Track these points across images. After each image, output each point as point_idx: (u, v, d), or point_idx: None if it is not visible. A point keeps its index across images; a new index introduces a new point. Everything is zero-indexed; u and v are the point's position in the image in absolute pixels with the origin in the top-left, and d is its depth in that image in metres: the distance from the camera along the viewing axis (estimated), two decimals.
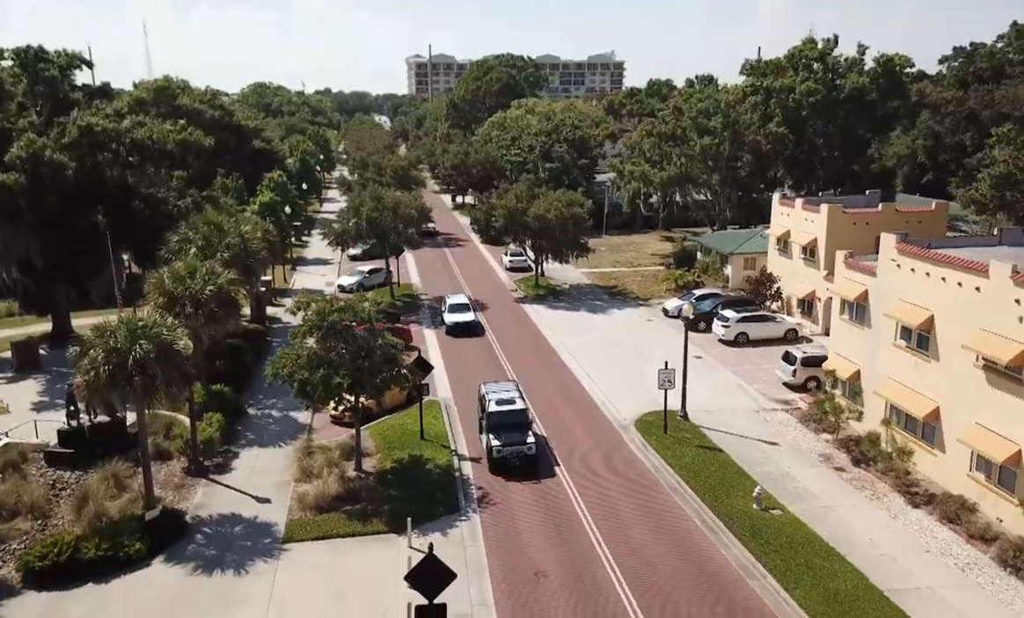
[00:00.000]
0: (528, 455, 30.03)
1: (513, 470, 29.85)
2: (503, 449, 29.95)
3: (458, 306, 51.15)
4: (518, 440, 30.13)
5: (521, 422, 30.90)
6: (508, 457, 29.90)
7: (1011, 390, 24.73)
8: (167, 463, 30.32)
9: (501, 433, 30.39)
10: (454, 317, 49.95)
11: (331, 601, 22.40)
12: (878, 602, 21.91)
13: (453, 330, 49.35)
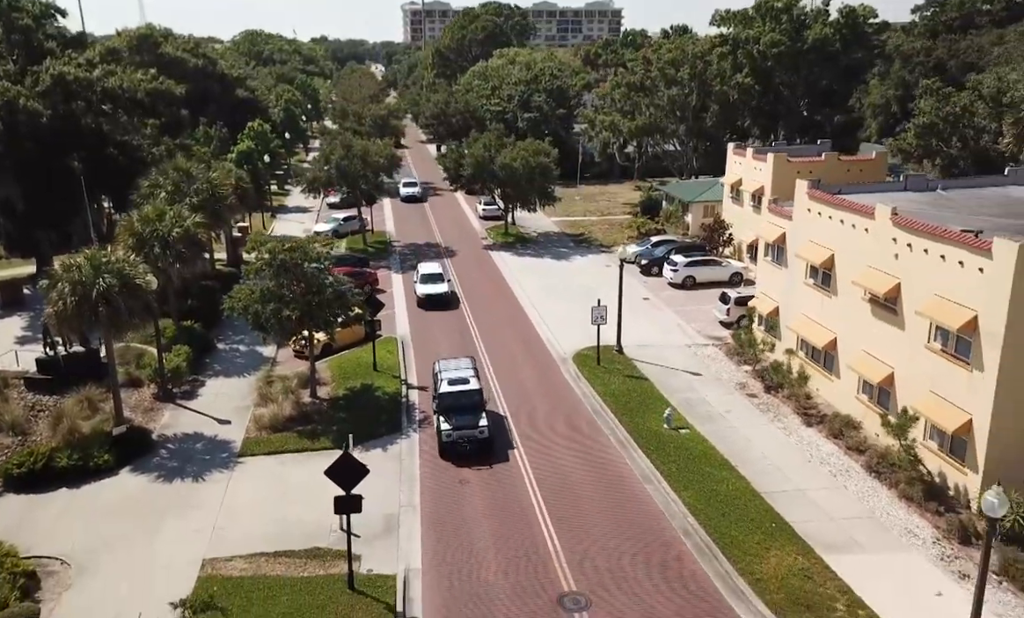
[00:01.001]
0: (480, 439, 28.00)
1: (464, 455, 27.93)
2: (453, 433, 27.97)
3: (431, 276, 47.39)
4: (470, 423, 28.09)
5: (474, 404, 28.82)
6: (458, 441, 27.96)
7: (888, 320, 27.45)
8: (138, 390, 33.26)
9: (452, 415, 28.33)
10: (426, 288, 46.41)
11: (276, 502, 25.50)
12: (752, 500, 25.02)
13: (424, 303, 45.74)
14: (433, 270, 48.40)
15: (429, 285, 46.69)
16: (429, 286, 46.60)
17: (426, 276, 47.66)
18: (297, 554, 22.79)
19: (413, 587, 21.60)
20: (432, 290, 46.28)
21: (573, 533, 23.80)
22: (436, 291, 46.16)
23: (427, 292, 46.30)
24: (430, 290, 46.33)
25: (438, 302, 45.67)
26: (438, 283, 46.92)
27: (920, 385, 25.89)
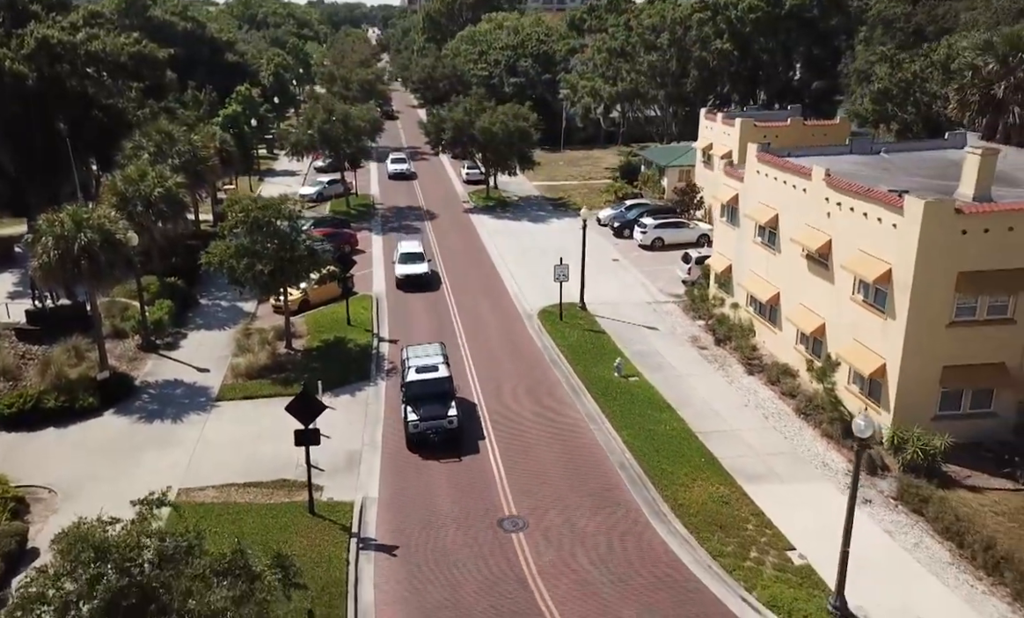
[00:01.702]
0: (449, 429, 26.70)
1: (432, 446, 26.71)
2: (420, 424, 26.61)
3: (411, 256, 44.49)
4: (438, 413, 26.77)
5: (443, 392, 27.49)
6: (426, 432, 26.63)
7: (821, 274, 29.32)
8: (122, 341, 35.26)
9: (420, 405, 27.00)
10: (405, 269, 43.55)
11: (248, 440, 27.62)
12: (687, 438, 27.16)
13: (404, 284, 43.25)
14: (413, 249, 45.65)
15: (409, 265, 43.88)
16: (408, 266, 43.83)
17: (406, 255, 44.63)
18: (265, 485, 24.96)
19: (369, 513, 23.78)
20: (411, 270, 43.53)
21: (519, 466, 25.96)
22: (416, 271, 43.48)
23: (406, 273, 43.57)
24: (409, 270, 43.60)
25: (418, 283, 43.27)
26: (418, 263, 44.05)
27: (845, 334, 27.86)
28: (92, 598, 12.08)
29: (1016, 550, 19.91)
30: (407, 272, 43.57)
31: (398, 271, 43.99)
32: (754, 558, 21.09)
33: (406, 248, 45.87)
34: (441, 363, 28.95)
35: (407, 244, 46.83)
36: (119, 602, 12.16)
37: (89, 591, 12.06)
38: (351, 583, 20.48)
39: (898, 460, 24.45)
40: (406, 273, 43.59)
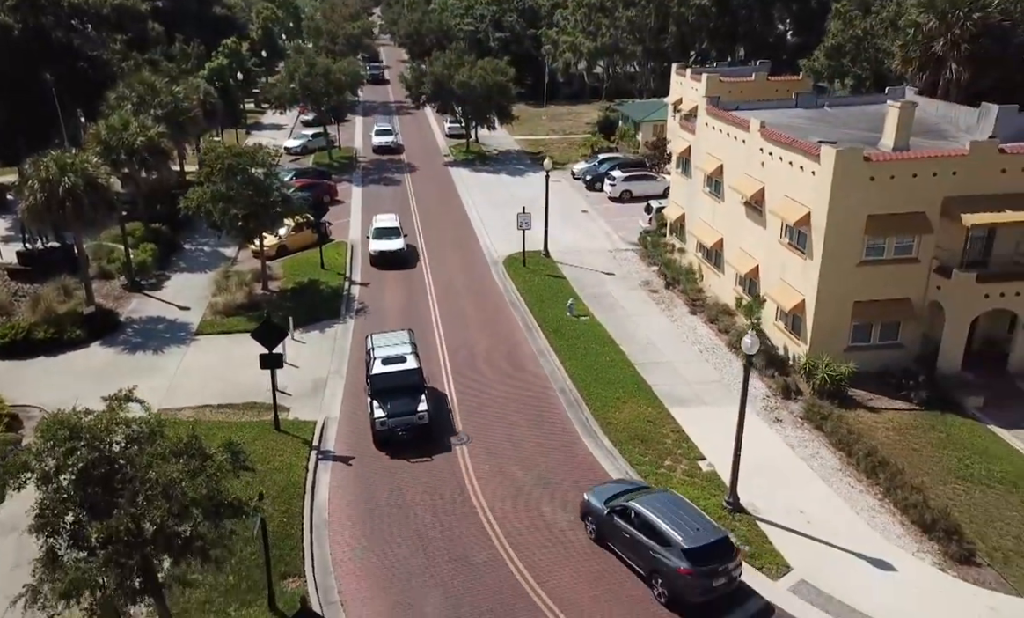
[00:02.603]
0: (420, 426, 24.72)
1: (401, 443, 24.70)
2: (388, 420, 24.51)
3: (386, 231, 41.52)
4: (407, 409, 24.70)
5: (412, 385, 25.43)
6: (394, 429, 24.61)
7: (756, 220, 31.52)
8: (109, 281, 37.55)
9: (387, 400, 24.85)
10: (379, 245, 40.64)
11: (223, 369, 30.06)
12: (625, 369, 29.66)
13: (378, 261, 40.39)
14: (388, 223, 42.37)
15: (383, 241, 40.91)
16: (383, 242, 40.84)
17: (381, 231, 41.55)
18: (236, 406, 27.48)
19: (330, 430, 26.36)
20: (386, 247, 40.66)
21: (469, 389, 28.54)
22: (391, 248, 40.62)
23: (380, 249, 40.56)
24: (384, 247, 40.63)
25: (393, 261, 40.30)
26: (393, 239, 41.15)
27: (775, 274, 30.16)
28: (67, 468, 14.57)
29: (892, 456, 22.55)
30: (381, 249, 40.73)
31: (372, 247, 41.01)
32: (667, 466, 23.74)
33: (381, 222, 42.58)
34: (409, 353, 26.72)
35: (382, 218, 43.46)
36: (90, 472, 14.64)
37: (64, 463, 14.53)
38: (309, 485, 23.14)
39: (810, 385, 26.99)
40: (380, 249, 40.69)
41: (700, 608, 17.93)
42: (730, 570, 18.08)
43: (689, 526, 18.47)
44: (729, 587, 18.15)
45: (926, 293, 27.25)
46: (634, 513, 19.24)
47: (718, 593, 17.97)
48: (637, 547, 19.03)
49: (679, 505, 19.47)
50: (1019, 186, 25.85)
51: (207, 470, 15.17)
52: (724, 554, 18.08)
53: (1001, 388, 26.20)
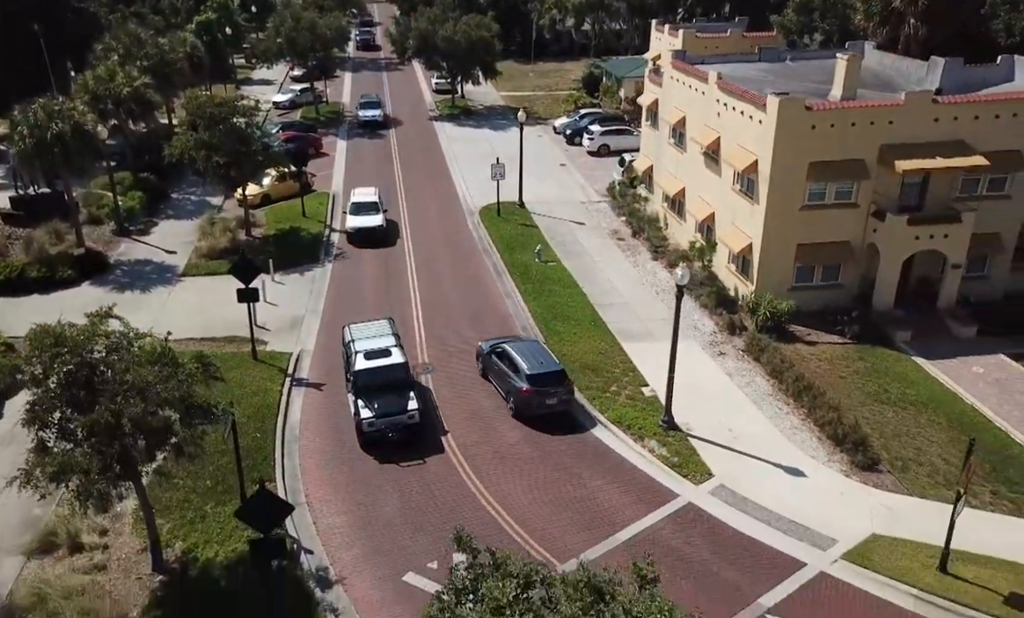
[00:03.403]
0: (410, 425, 22.78)
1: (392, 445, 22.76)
2: (376, 420, 22.53)
3: (364, 206, 38.91)
4: (396, 408, 22.68)
5: (400, 381, 23.37)
6: (383, 430, 22.63)
7: (713, 168, 33.09)
8: (98, 226, 39.21)
9: (373, 399, 22.79)
10: (357, 221, 38.03)
11: (207, 307, 31.84)
12: (584, 308, 31.52)
13: (356, 238, 37.86)
14: (367, 197, 39.62)
15: (361, 217, 38.31)
16: (361, 218, 38.23)
17: (358, 205, 38.98)
18: (218, 339, 29.36)
19: (304, 361, 28.30)
20: (364, 223, 38.00)
21: (436, 320, 30.53)
22: (369, 224, 37.96)
23: (357, 226, 37.94)
24: (361, 223, 38.02)
25: (371, 238, 37.85)
26: (371, 215, 38.41)
27: (728, 219, 31.84)
28: (53, 372, 16.46)
29: (818, 382, 24.55)
30: (358, 225, 37.89)
31: (348, 224, 38.42)
32: (613, 391, 25.72)
33: (359, 196, 39.84)
34: (394, 346, 24.44)
35: (361, 192, 40.68)
36: (74, 376, 16.52)
37: (50, 367, 16.41)
38: (282, 407, 25.15)
39: (753, 322, 28.87)
40: (357, 226, 37.88)
41: (537, 419, 23.80)
42: (560, 394, 23.80)
43: (536, 360, 24.23)
44: (559, 407, 23.88)
45: (864, 236, 28.96)
46: (502, 351, 25.12)
47: (550, 410, 23.75)
48: (501, 375, 24.87)
49: (537, 349, 25.56)
50: (950, 134, 27.41)
51: (178, 376, 17.07)
52: (557, 382, 23.87)
53: (928, 323, 28.07)
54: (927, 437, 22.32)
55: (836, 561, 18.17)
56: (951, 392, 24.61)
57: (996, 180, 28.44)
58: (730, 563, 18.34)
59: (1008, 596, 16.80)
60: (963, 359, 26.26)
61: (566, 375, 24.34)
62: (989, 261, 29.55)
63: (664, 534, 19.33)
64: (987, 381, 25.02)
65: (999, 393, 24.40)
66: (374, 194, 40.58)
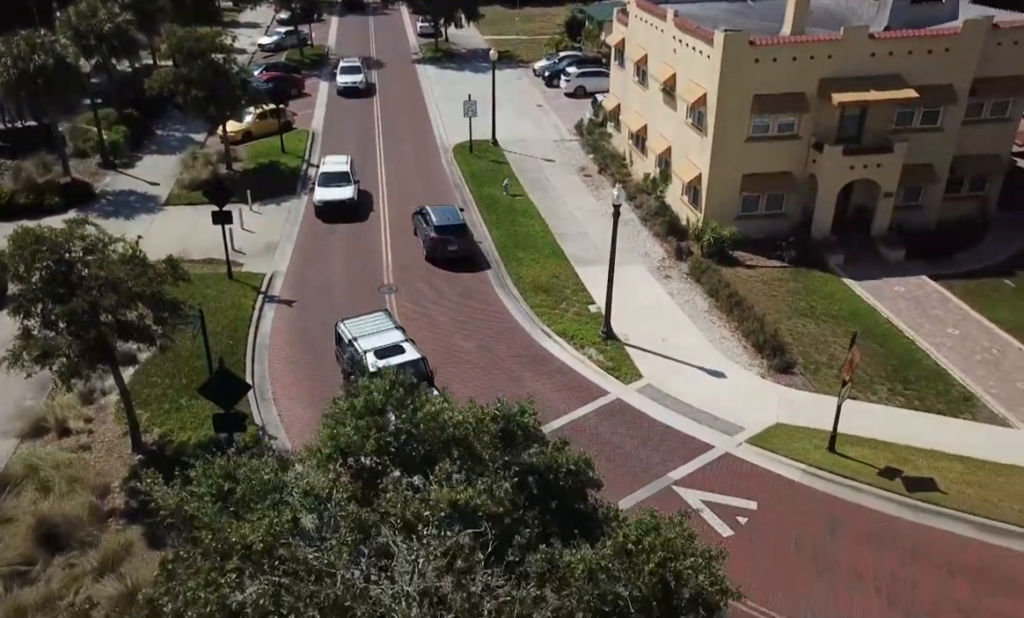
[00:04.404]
0: None
1: None
2: None
3: (333, 176, 35.60)
4: None
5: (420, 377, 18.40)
6: None
7: (670, 104, 34.55)
8: (84, 160, 40.72)
9: None
10: (325, 193, 34.71)
11: (187, 232, 33.64)
12: (544, 237, 33.35)
13: (323, 211, 34.58)
14: (337, 167, 36.30)
15: (330, 188, 34.94)
16: (330, 190, 34.87)
17: (327, 176, 35.69)
18: (196, 261, 31.08)
19: (277, 280, 30.23)
20: (333, 196, 34.63)
21: (402, 252, 32.28)
22: (338, 197, 34.59)
23: (325, 198, 34.56)
24: (330, 196, 34.65)
25: (341, 211, 34.52)
26: (342, 186, 35.18)
27: (682, 153, 33.45)
28: (34, 269, 18.34)
29: (750, 299, 26.54)
30: (327, 198, 34.54)
31: (316, 196, 34.95)
32: (561, 308, 27.74)
33: (329, 166, 36.63)
34: (404, 341, 22.29)
35: (332, 160, 37.53)
36: (53, 272, 18.40)
37: (31, 263, 18.29)
38: (254, 319, 27.18)
39: (699, 247, 30.73)
40: (325, 199, 34.50)
41: (442, 262, 30.56)
42: (459, 243, 30.61)
43: (444, 217, 31.14)
44: (459, 253, 30.52)
45: (805, 167, 30.63)
46: (424, 210, 32.08)
47: (451, 254, 30.56)
48: (421, 227, 31.89)
49: (449, 210, 32.09)
50: (886, 69, 28.88)
51: (148, 274, 18.98)
52: (459, 232, 30.73)
53: (861, 249, 29.95)
54: (842, 345, 24.35)
55: (740, 444, 20.38)
56: (871, 308, 26.63)
57: (929, 113, 30.00)
58: (646, 446, 20.55)
59: (883, 469, 19.02)
60: (888, 280, 28.24)
61: (467, 229, 31.49)
62: (923, 192, 31.29)
63: (590, 423, 21.52)
64: (905, 298, 27.03)
65: (914, 308, 26.42)
66: (345, 163, 36.92)
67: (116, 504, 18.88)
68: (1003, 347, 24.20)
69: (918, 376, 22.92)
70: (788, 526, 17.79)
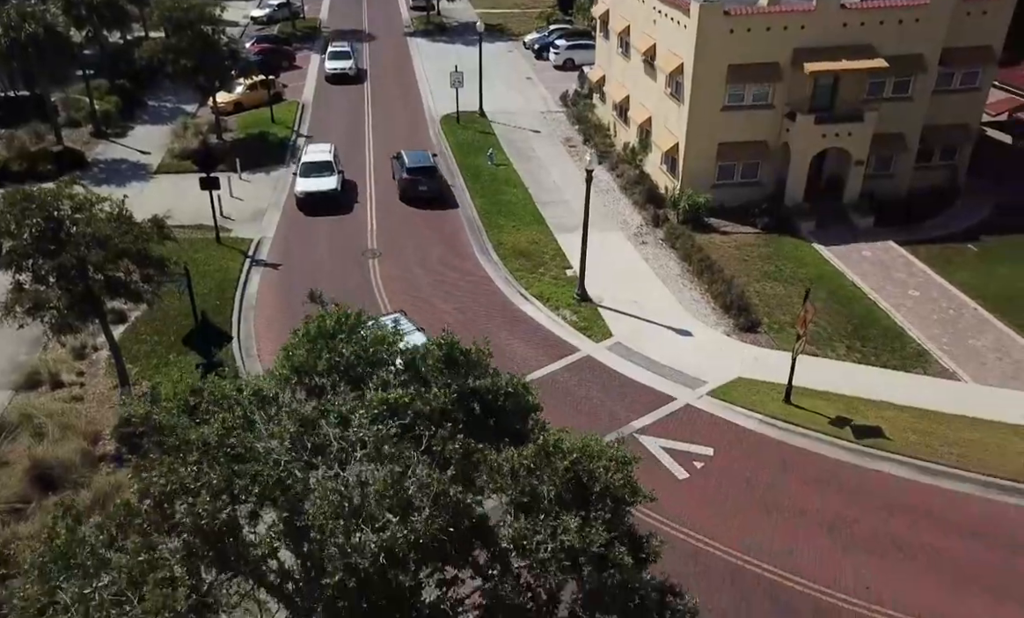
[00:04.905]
0: None
1: None
2: None
3: (316, 165, 33.96)
4: None
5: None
6: None
7: (650, 74, 35.18)
8: (77, 129, 41.39)
9: None
10: (307, 184, 32.95)
11: (177, 199, 34.11)
12: (527, 205, 34.16)
13: (306, 204, 32.89)
14: (319, 156, 34.67)
15: (312, 179, 33.17)
16: (312, 181, 33.09)
17: (309, 165, 33.98)
18: (186, 227, 31.82)
19: (264, 245, 31.08)
20: (315, 186, 32.81)
21: (387, 220, 33.11)
22: (321, 188, 32.80)
23: (307, 189, 32.65)
24: (312, 187, 32.79)
25: (323, 203, 32.84)
26: (325, 176, 33.53)
27: (661, 122, 34.15)
28: (24, 226, 19.18)
29: (721, 263, 27.44)
30: (309, 188, 32.66)
31: (298, 187, 33.20)
32: (539, 272, 28.64)
33: (312, 154, 34.90)
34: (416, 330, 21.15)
35: (315, 149, 35.80)
36: (43, 230, 19.25)
37: (21, 220, 19.12)
38: (241, 281, 28.09)
39: (676, 214, 31.56)
40: (307, 190, 32.59)
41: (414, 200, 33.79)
42: (430, 182, 34.08)
43: (415, 160, 34.76)
44: (428, 194, 33.88)
45: (779, 136, 31.37)
46: (399, 154, 35.78)
47: (421, 194, 33.83)
48: (396, 169, 35.49)
49: (421, 154, 35.80)
50: (858, 39, 29.52)
51: (133, 231, 19.84)
52: (429, 173, 34.36)
53: (833, 215, 30.77)
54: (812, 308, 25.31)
55: (702, 397, 21.39)
56: (838, 271, 27.53)
57: (900, 83, 30.68)
58: (612, 398, 21.55)
59: (834, 419, 20.04)
60: (856, 245, 29.13)
61: (436, 171, 35.12)
62: (894, 161, 32.05)
63: (560, 377, 22.51)
64: (871, 262, 27.93)
65: (879, 271, 27.33)
66: (328, 152, 35.08)
67: (107, 450, 19.89)
68: (959, 308, 25.16)
69: (876, 334, 23.88)
70: (741, 470, 18.82)
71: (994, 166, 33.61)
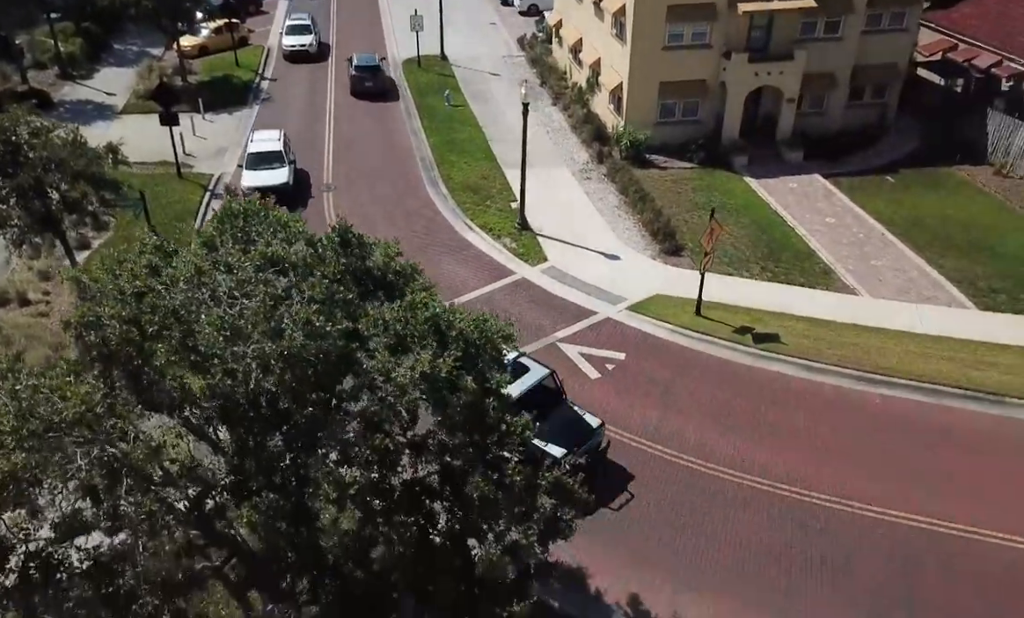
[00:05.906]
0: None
1: None
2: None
3: (262, 156, 30.56)
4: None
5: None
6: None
7: (599, 17, 36.25)
8: (43, 71, 42.09)
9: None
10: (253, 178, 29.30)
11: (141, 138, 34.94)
12: (479, 143, 35.58)
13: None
14: (267, 145, 31.09)
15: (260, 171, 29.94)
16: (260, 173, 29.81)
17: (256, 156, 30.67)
18: (148, 163, 33.17)
19: (224, 180, 32.37)
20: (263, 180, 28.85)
21: (345, 157, 34.50)
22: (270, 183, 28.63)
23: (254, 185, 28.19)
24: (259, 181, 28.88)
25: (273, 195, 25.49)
26: (274, 168, 30.16)
27: (608, 63, 35.46)
28: None
29: (655, 194, 29.16)
30: (255, 184, 28.18)
31: (244, 182, 29.41)
32: (486, 205, 30.25)
33: (258, 144, 31.34)
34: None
35: (261, 136, 32.17)
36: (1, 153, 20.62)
37: None
38: (200, 212, 29.50)
39: (618, 150, 33.11)
40: (254, 185, 27.98)
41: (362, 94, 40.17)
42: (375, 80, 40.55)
43: (363, 59, 41.59)
44: (373, 89, 40.45)
45: (717, 75, 32.83)
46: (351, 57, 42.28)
47: (368, 90, 40.42)
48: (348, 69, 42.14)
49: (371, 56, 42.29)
50: None
51: (88, 155, 21.25)
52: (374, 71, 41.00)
53: (765, 151, 32.46)
54: (729, 233, 27.09)
55: (621, 311, 23.29)
56: (763, 201, 29.34)
57: (831, 23, 32.11)
58: (540, 313, 23.42)
59: (738, 328, 22.03)
60: (784, 179, 30.89)
61: (380, 70, 41.64)
62: (826, 99, 33.63)
63: (495, 296, 24.32)
64: (795, 193, 29.74)
65: (801, 201, 29.16)
66: (278, 141, 31.47)
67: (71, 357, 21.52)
68: (868, 232, 27.09)
69: (789, 256, 25.79)
70: (647, 371, 20.83)
71: (924, 105, 35.28)
